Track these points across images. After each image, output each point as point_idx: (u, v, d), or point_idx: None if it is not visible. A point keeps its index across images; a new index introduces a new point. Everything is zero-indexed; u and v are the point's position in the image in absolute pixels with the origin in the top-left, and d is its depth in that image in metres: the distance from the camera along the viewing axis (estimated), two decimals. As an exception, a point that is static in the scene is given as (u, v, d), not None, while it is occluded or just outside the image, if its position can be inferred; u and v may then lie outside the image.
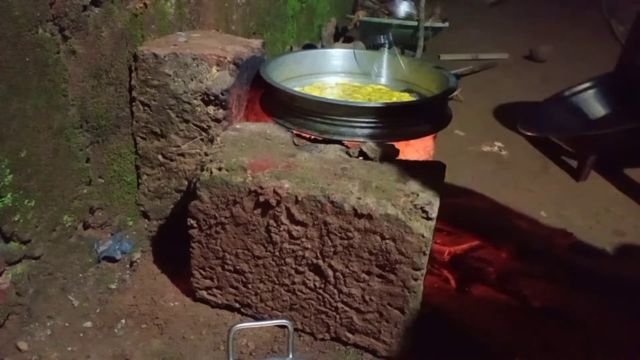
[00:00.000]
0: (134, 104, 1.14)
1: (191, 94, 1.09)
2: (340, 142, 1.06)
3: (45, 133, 0.94)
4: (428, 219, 0.84)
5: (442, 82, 1.24)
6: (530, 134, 1.08)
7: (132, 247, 1.18)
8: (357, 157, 1.00)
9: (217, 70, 1.10)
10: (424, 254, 0.85)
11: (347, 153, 1.02)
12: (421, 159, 1.25)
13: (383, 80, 1.41)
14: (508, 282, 1.17)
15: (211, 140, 1.12)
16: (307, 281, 0.95)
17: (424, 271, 0.88)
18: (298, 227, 0.91)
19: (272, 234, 0.93)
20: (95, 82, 1.04)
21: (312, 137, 1.08)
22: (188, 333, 0.99)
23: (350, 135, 1.06)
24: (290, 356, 0.81)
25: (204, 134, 1.13)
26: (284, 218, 0.91)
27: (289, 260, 0.94)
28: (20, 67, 0.85)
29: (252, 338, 0.98)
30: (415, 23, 2.74)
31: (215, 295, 1.04)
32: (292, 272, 0.95)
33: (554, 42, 3.13)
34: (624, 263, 1.32)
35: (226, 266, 1.00)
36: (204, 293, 1.05)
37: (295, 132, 1.09)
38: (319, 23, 2.71)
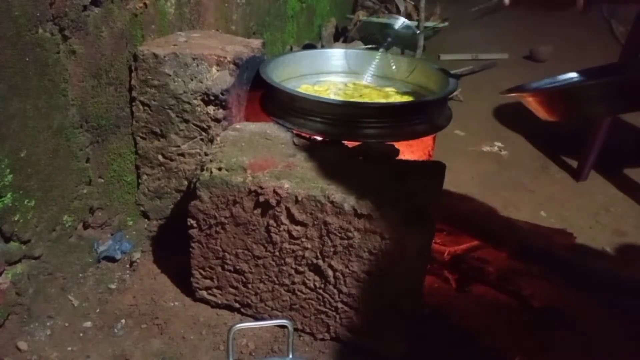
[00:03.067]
0: (134, 104, 1.14)
1: (191, 94, 1.09)
2: (340, 142, 1.06)
3: (45, 133, 0.94)
4: (428, 219, 0.84)
5: (442, 81, 1.24)
6: (509, 94, 1.06)
7: (132, 247, 1.18)
8: (357, 157, 1.00)
9: (217, 70, 1.10)
10: (424, 254, 0.85)
11: (347, 153, 1.02)
12: (421, 159, 1.25)
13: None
14: (508, 282, 1.17)
15: (211, 140, 1.12)
16: (307, 281, 0.95)
17: (424, 271, 0.88)
18: (298, 227, 0.91)
19: (272, 234, 0.93)
20: (95, 82, 1.04)
21: (312, 137, 1.08)
22: (188, 333, 0.99)
23: (350, 135, 1.06)
24: (290, 356, 0.81)
25: (204, 134, 1.13)
26: (283, 218, 0.91)
27: (289, 260, 0.94)
28: (20, 67, 0.85)
29: (252, 338, 0.98)
30: (415, 23, 2.74)
31: (215, 295, 1.04)
32: (292, 272, 0.95)
33: (554, 42, 3.13)
34: (624, 263, 1.32)
35: (226, 266, 1.00)
36: (204, 293, 1.05)
37: (295, 132, 1.09)
38: (319, 23, 2.71)
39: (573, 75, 1.19)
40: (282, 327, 0.96)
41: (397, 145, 1.06)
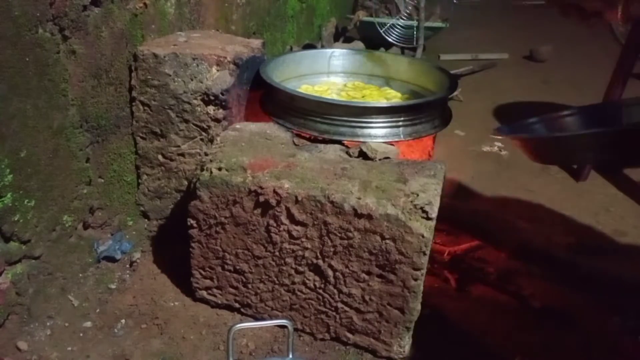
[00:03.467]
0: (134, 104, 1.14)
1: (191, 94, 1.09)
2: (340, 142, 1.06)
3: (45, 133, 0.94)
4: (428, 219, 0.84)
5: (442, 81, 1.24)
6: (500, 136, 1.04)
7: (132, 247, 1.18)
8: (357, 157, 1.00)
9: (217, 70, 1.10)
10: (424, 254, 0.85)
11: (347, 153, 1.02)
12: (421, 159, 1.25)
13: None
14: (508, 282, 1.17)
15: (211, 140, 1.12)
16: (307, 281, 0.95)
17: (424, 271, 0.88)
18: (298, 227, 0.91)
19: (272, 234, 0.93)
20: (95, 82, 1.04)
21: (312, 137, 1.08)
22: (188, 333, 0.99)
23: (350, 135, 1.06)
24: (290, 356, 0.81)
25: (204, 134, 1.13)
26: (283, 218, 0.91)
27: (289, 260, 0.94)
28: (20, 67, 0.85)
29: (252, 338, 0.98)
30: (415, 23, 2.74)
31: (215, 295, 1.04)
32: (292, 272, 0.95)
33: (554, 42, 3.13)
34: (624, 263, 1.32)
35: (226, 266, 1.00)
36: (204, 293, 1.05)
37: (295, 132, 1.09)
38: (319, 23, 2.72)
39: (565, 112, 1.18)
40: (282, 327, 0.96)
41: (397, 145, 1.06)
